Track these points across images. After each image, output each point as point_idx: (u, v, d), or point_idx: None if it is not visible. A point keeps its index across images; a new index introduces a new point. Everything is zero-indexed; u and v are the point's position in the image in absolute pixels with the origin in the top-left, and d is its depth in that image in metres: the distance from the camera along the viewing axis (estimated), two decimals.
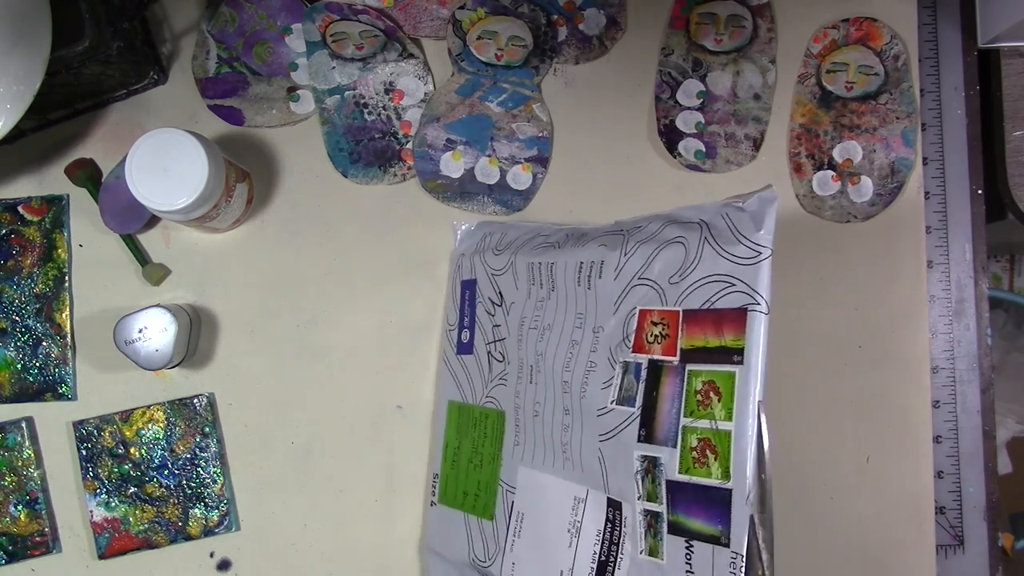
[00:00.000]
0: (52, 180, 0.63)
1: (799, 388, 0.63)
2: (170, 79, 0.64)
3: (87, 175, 0.62)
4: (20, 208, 0.62)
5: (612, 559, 0.47)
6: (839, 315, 0.64)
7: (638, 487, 0.45)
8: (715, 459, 0.42)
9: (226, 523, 0.61)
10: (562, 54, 0.65)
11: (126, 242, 0.62)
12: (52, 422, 0.62)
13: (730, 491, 0.41)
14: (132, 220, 0.61)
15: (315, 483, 0.62)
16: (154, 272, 0.62)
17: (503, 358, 0.57)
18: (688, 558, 0.42)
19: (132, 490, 0.61)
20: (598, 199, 0.65)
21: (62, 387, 0.61)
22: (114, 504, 0.61)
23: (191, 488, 0.61)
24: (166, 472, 0.61)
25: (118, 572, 0.61)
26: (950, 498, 0.64)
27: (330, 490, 0.62)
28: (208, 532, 0.61)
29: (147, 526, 0.61)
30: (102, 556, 0.60)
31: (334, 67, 0.63)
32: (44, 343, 0.61)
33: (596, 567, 0.47)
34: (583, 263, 0.51)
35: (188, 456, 0.61)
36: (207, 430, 0.61)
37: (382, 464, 0.62)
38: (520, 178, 0.64)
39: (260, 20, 0.64)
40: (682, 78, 0.65)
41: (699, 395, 0.43)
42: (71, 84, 0.58)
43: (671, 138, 0.64)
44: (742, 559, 0.40)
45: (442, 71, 0.65)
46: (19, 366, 0.61)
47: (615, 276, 0.49)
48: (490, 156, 0.64)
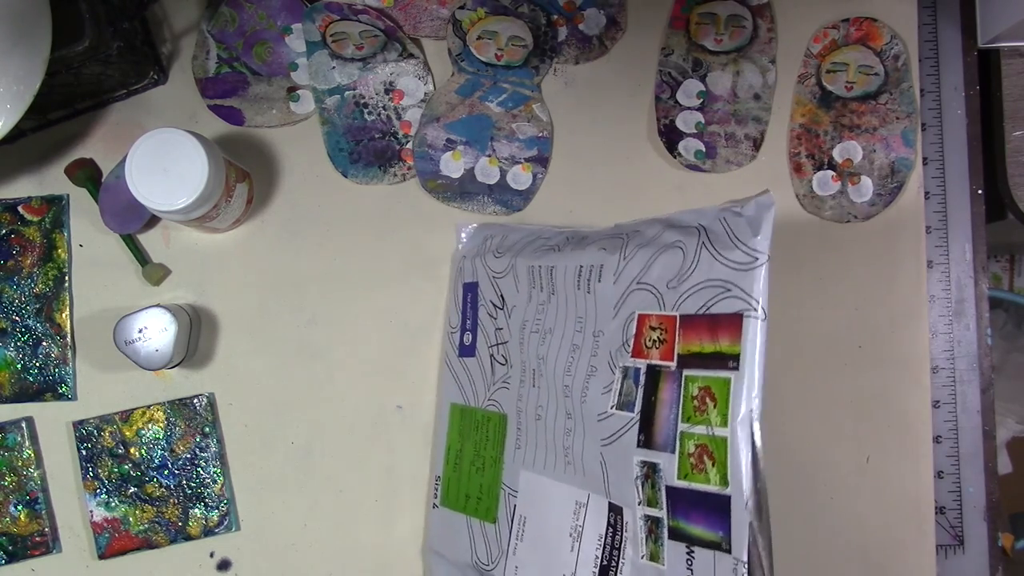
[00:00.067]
0: (52, 180, 0.63)
1: (799, 388, 0.63)
2: (170, 79, 0.64)
3: (87, 175, 0.62)
4: (20, 208, 0.62)
5: (614, 564, 0.47)
6: (839, 315, 0.64)
7: (638, 492, 0.45)
8: (713, 465, 0.41)
9: (226, 523, 0.61)
10: (562, 54, 0.65)
11: (126, 242, 0.62)
12: (52, 422, 0.62)
13: (729, 498, 0.40)
14: (132, 220, 0.61)
15: (315, 483, 0.62)
16: (154, 272, 0.62)
17: (505, 361, 0.57)
18: (689, 564, 0.42)
19: (132, 490, 0.61)
20: (598, 199, 0.65)
21: (62, 387, 0.61)
22: (114, 504, 0.61)
23: (191, 488, 0.61)
24: (166, 472, 0.61)
25: (118, 572, 0.61)
26: (950, 498, 0.64)
27: (330, 490, 0.62)
28: (208, 532, 0.61)
29: (147, 526, 0.61)
30: (102, 556, 0.60)
31: (334, 67, 0.63)
32: (44, 343, 0.61)
33: (598, 572, 0.47)
34: (583, 267, 0.51)
35: (188, 456, 0.61)
36: (207, 430, 0.61)
37: (382, 464, 0.62)
38: (520, 178, 0.64)
39: (260, 20, 0.64)
40: (682, 78, 0.65)
41: (695, 401, 0.43)
42: (71, 84, 0.58)
43: (671, 138, 0.64)
44: (744, 566, 0.39)
45: (442, 71, 0.65)
46: (19, 366, 0.61)
47: (614, 280, 0.49)
48: (490, 156, 0.64)
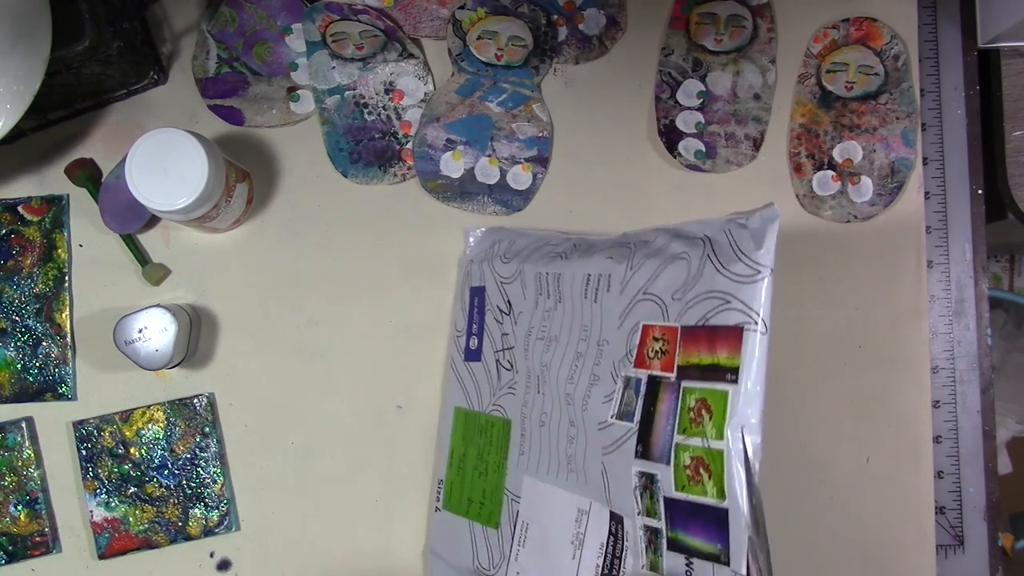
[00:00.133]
0: (52, 180, 0.63)
1: (799, 388, 0.63)
2: (170, 79, 0.64)
3: (87, 175, 0.62)
4: (20, 208, 0.62)
5: (615, 572, 0.47)
6: (839, 315, 0.64)
7: (637, 503, 0.45)
8: (709, 478, 0.41)
9: (226, 523, 0.61)
10: (562, 54, 0.65)
11: (126, 242, 0.62)
12: (52, 422, 0.62)
13: (727, 511, 0.40)
14: (132, 220, 0.61)
15: (315, 483, 0.62)
16: (154, 272, 0.62)
17: (511, 367, 0.56)
18: (688, 575, 0.42)
19: (132, 490, 0.61)
20: (598, 199, 0.65)
21: (62, 387, 0.61)
22: (114, 504, 0.61)
23: (191, 488, 0.61)
24: (166, 472, 0.61)
25: (118, 572, 0.61)
26: (950, 498, 0.64)
27: (330, 490, 0.62)
28: (208, 532, 0.61)
29: (147, 526, 0.61)
30: (102, 556, 0.60)
31: (334, 67, 0.63)
32: (44, 343, 0.61)
33: None
34: (590, 275, 0.51)
35: (188, 456, 0.61)
36: (207, 430, 0.61)
37: (382, 464, 0.62)
38: (520, 178, 0.64)
39: (260, 20, 0.64)
40: (682, 78, 0.65)
41: (691, 412, 0.42)
42: (71, 84, 0.58)
43: (671, 138, 0.64)
44: None
45: (442, 71, 0.65)
46: (19, 366, 0.61)
47: (621, 290, 0.49)
48: (490, 156, 0.64)
